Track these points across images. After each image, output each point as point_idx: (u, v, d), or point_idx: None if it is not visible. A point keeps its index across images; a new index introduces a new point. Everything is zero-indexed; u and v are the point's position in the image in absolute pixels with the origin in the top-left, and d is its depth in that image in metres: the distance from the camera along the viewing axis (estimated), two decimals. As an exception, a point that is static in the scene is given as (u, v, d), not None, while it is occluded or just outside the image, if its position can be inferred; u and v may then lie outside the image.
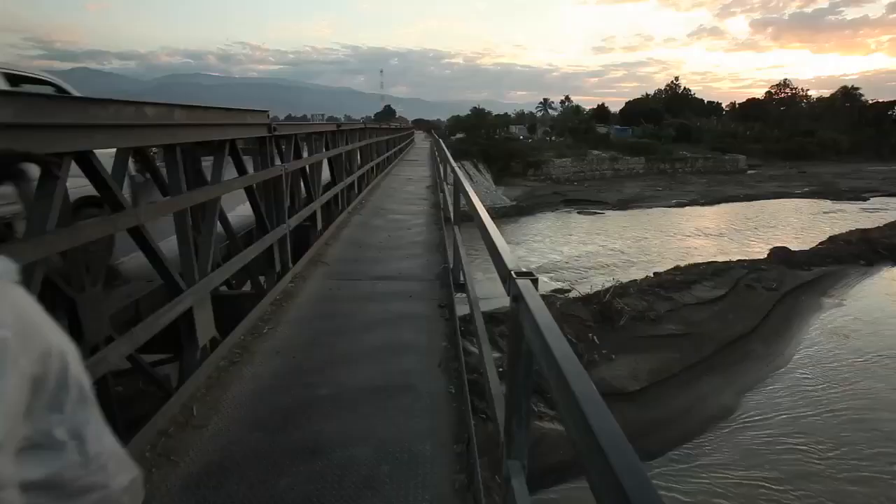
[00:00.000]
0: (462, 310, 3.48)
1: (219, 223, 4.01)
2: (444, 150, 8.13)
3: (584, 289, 13.90)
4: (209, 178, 3.38)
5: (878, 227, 22.83)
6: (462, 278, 3.68)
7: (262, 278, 4.62)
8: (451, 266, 4.37)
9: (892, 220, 24.90)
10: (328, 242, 6.14)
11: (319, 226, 6.44)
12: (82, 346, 2.02)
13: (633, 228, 26.99)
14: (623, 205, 34.12)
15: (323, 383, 2.86)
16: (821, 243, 20.34)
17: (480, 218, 1.91)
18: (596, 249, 22.21)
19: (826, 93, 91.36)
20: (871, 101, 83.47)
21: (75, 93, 3.93)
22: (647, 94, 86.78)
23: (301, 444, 2.31)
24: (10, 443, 0.55)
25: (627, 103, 78.33)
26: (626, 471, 0.54)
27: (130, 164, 3.35)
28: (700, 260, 17.69)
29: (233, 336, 3.28)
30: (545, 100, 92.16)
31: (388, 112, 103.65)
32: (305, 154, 6.22)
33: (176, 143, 2.70)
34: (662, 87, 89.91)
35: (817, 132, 67.11)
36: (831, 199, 36.34)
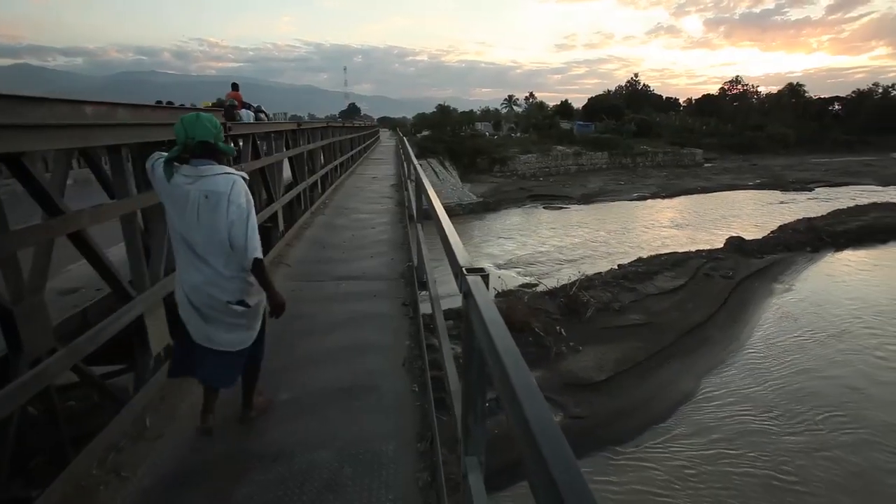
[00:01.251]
0: (428, 307, 3.48)
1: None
2: (407, 148, 8.09)
3: (551, 283, 14.14)
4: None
5: (822, 216, 24.19)
6: (425, 276, 3.67)
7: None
8: (416, 264, 4.35)
9: (835, 208, 26.43)
10: (290, 243, 6.02)
11: (281, 227, 6.32)
12: (21, 359, 1.91)
13: (598, 222, 27.62)
14: (587, 199, 34.84)
15: (285, 387, 2.81)
16: (772, 232, 21.38)
17: (438, 216, 1.91)
18: (562, 243, 22.61)
19: (774, 89, 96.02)
20: (814, 97, 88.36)
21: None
22: (609, 91, 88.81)
23: (262, 450, 2.26)
24: None
25: (590, 99, 79.90)
26: (558, 465, 0.55)
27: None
28: (662, 251, 18.30)
29: (189, 343, 3.16)
30: (510, 96, 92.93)
31: (352, 110, 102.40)
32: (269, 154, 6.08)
33: (121, 143, 2.58)
34: (623, 84, 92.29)
35: (766, 127, 70.42)
36: (780, 190, 38.23)
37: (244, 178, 2.23)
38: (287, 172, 7.17)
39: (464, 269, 1.22)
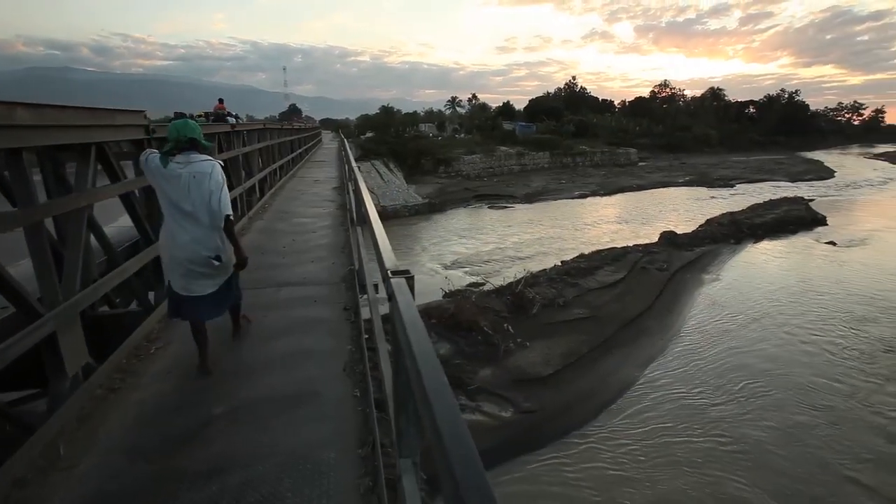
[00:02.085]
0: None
1: (93, 235, 3.63)
2: (347, 151, 7.96)
3: (498, 281, 14.40)
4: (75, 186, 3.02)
5: (743, 210, 26.22)
6: (366, 279, 3.64)
7: (151, 294, 4.23)
8: (357, 268, 4.29)
9: (753, 203, 28.68)
10: (227, 250, 5.76)
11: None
12: None
13: (542, 220, 28.42)
14: (531, 198, 35.76)
15: (220, 400, 2.69)
16: (700, 226, 22.88)
17: (370, 220, 1.90)
18: (508, 242, 23.08)
19: (698, 92, 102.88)
20: (732, 101, 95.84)
21: None
22: (548, 93, 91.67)
23: (194, 469, 2.15)
24: None
25: (530, 101, 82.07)
26: (462, 465, 0.56)
27: None
28: (603, 246, 19.10)
29: (112, 360, 2.96)
30: (453, 98, 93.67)
31: (293, 111, 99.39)
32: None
33: (20, 146, 2.37)
34: (561, 86, 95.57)
35: (693, 127, 75.37)
36: (706, 187, 41.05)
37: (221, 164, 3.04)
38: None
39: (389, 271, 1.21)
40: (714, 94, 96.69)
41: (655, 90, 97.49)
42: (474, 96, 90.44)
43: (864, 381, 10.35)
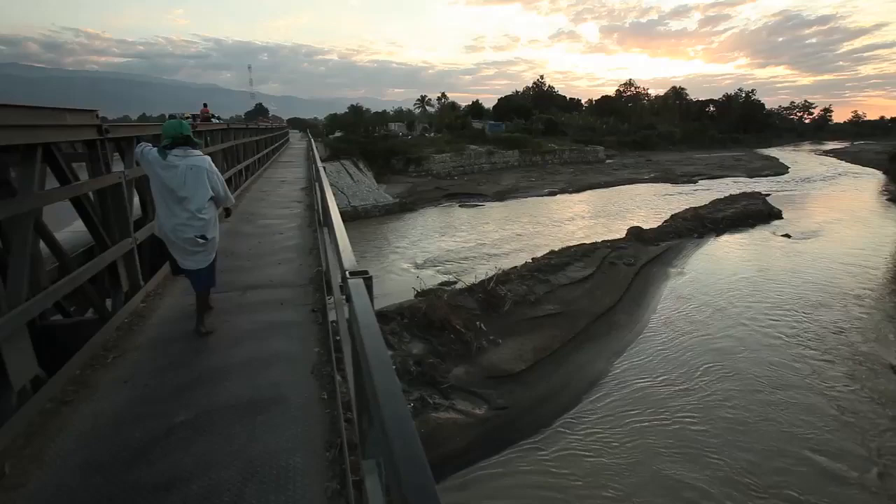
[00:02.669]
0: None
1: (42, 241, 3.45)
2: (314, 152, 7.83)
3: (470, 279, 14.46)
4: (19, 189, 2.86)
5: (705, 205, 27.16)
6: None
7: (109, 301, 4.05)
8: (325, 269, 4.23)
9: (714, 198, 29.72)
10: (189, 254, 5.58)
11: (178, 236, 5.83)
12: None
13: (513, 218, 28.70)
14: (501, 196, 36.08)
15: (181, 409, 2.60)
16: (665, 221, 23.58)
17: (332, 222, 1.87)
18: (479, 240, 23.21)
19: (662, 91, 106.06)
20: (694, 100, 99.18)
21: None
22: (517, 92, 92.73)
23: (153, 480, 2.07)
24: None
25: (500, 100, 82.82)
26: (408, 464, 0.55)
27: None
28: (572, 243, 19.42)
29: (64, 372, 2.82)
30: (423, 97, 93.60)
31: (259, 111, 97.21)
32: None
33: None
34: (530, 85, 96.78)
35: (657, 125, 77.56)
36: (671, 183, 42.33)
37: (209, 158, 3.63)
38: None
39: (347, 272, 1.20)
40: (677, 94, 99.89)
41: (621, 89, 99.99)
42: (444, 95, 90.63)
43: (818, 361, 11.10)
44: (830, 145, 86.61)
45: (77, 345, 3.15)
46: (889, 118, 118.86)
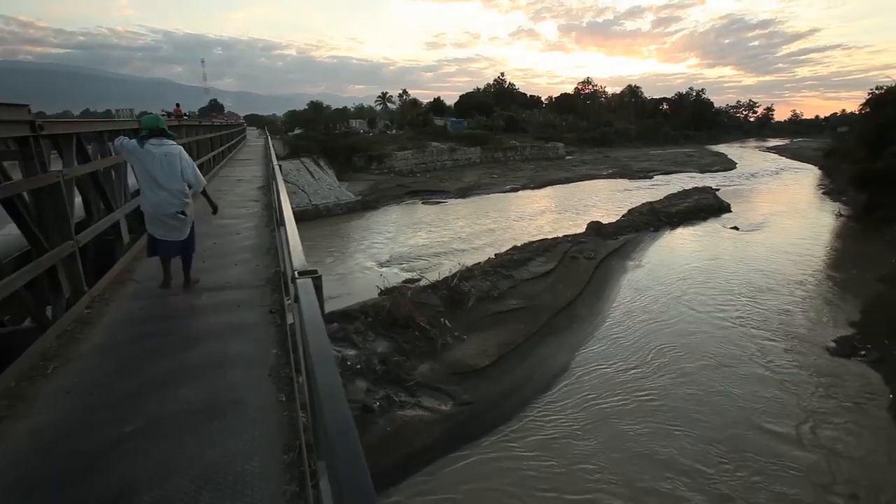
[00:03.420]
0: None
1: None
2: (270, 150, 7.63)
3: (433, 276, 14.47)
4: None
5: (660, 200, 28.22)
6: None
7: (49, 309, 3.82)
8: (284, 269, 4.14)
9: (668, 193, 30.91)
10: (139, 256, 5.34)
11: (126, 239, 5.56)
12: None
13: (476, 214, 28.91)
14: (464, 192, 36.26)
15: (130, 418, 2.49)
16: (623, 216, 24.32)
17: (285, 221, 1.83)
18: (443, 237, 23.26)
19: (618, 89, 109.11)
20: (648, 98, 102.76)
21: None
22: (478, 89, 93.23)
23: (98, 495, 1.98)
24: None
25: (461, 97, 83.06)
26: (346, 462, 0.55)
27: None
28: (535, 238, 19.76)
29: (-2, 384, 2.65)
30: (384, 93, 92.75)
31: (214, 107, 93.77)
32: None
33: None
34: (491, 82, 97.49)
35: (614, 122, 79.82)
36: (628, 179, 43.73)
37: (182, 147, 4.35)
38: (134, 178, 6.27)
39: (296, 272, 1.18)
40: (632, 92, 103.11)
41: (579, 87, 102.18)
42: (405, 92, 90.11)
43: (765, 342, 11.93)
44: (773, 142, 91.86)
45: (12, 356, 2.96)
46: (823, 117, 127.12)
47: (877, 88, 26.66)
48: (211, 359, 3.06)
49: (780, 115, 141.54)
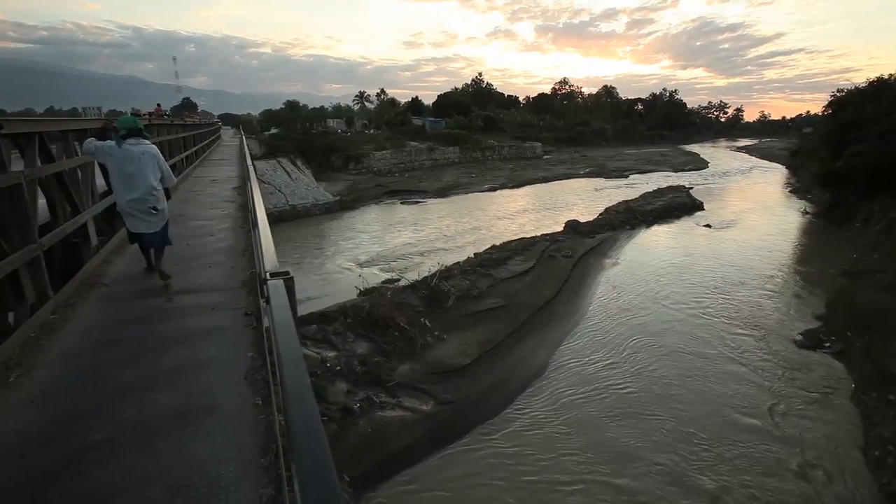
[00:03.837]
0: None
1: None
2: (245, 150, 7.49)
3: (413, 276, 14.42)
4: None
5: (636, 199, 28.71)
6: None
7: (11, 315, 3.68)
8: (259, 270, 4.08)
9: (644, 192, 31.51)
10: (108, 259, 5.20)
11: (94, 241, 5.40)
12: None
13: (455, 214, 28.94)
14: (443, 192, 36.25)
15: (99, 426, 2.42)
16: (600, 214, 24.68)
17: (258, 222, 1.81)
18: (422, 237, 23.22)
19: (594, 90, 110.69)
20: (624, 98, 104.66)
21: None
22: (456, 88, 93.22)
23: (66, 505, 1.92)
24: None
25: (439, 96, 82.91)
26: (312, 463, 0.55)
27: None
28: (513, 237, 19.89)
29: (-44, 395, 2.54)
30: (361, 93, 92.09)
31: (187, 105, 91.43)
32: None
33: None
34: (469, 82, 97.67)
35: (590, 122, 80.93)
36: (604, 178, 44.42)
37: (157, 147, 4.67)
38: (102, 179, 6.08)
39: (268, 273, 1.17)
40: (608, 92, 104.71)
41: (556, 87, 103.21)
42: (383, 91, 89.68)
43: (735, 333, 12.41)
44: (742, 142, 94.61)
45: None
46: (789, 118, 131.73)
47: (838, 91, 27.69)
48: (185, 363, 2.99)
49: (750, 115, 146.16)
